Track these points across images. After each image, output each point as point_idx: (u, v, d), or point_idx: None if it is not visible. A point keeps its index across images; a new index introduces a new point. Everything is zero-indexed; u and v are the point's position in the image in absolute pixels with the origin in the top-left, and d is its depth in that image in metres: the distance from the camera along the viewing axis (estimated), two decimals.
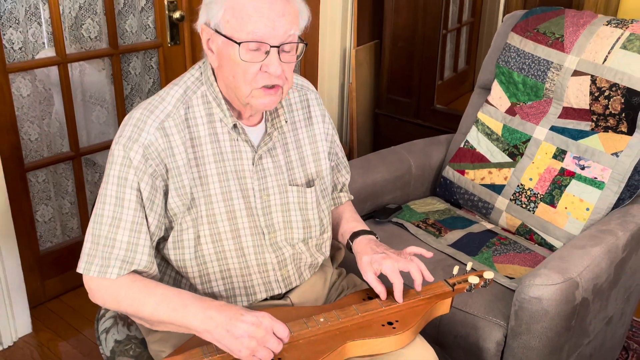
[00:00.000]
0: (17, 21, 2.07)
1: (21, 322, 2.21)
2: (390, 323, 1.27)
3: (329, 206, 1.41)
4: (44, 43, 2.17)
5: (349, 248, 1.40)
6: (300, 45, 1.19)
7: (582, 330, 1.62)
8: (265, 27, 1.11)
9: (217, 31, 1.14)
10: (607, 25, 1.95)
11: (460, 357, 1.63)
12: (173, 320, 1.13)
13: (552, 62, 1.99)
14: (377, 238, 1.39)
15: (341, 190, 1.51)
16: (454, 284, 1.37)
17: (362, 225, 1.42)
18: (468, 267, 1.40)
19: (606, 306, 1.71)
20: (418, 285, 1.28)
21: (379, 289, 1.27)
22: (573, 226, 1.88)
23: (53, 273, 2.37)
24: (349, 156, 3.21)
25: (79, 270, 1.19)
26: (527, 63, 2.05)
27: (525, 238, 1.98)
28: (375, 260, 1.28)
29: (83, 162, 2.39)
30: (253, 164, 1.25)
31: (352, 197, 1.54)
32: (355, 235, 1.38)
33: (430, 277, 1.28)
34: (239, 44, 1.11)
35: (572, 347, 1.61)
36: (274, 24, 1.11)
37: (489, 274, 1.38)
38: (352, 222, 1.43)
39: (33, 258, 2.29)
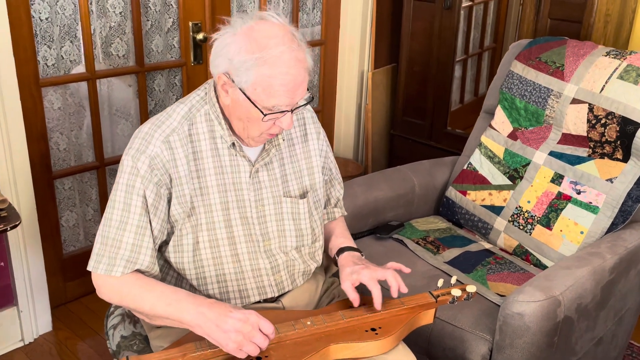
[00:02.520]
0: (51, 39, 2.24)
1: (42, 320, 2.35)
2: (373, 329, 1.36)
3: (322, 217, 1.51)
4: (77, 60, 2.33)
5: (335, 262, 1.50)
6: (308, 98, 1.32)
7: (568, 348, 1.68)
8: (287, 99, 1.24)
9: (241, 89, 1.24)
10: (606, 56, 2.02)
11: None
12: (169, 315, 1.24)
13: (552, 90, 2.07)
14: (362, 255, 1.48)
15: (335, 206, 1.61)
16: (438, 296, 1.45)
17: (349, 242, 1.52)
18: (452, 280, 1.48)
19: (594, 327, 1.76)
20: (394, 292, 1.37)
21: (352, 297, 1.36)
22: (567, 248, 1.95)
23: (75, 276, 2.51)
24: (364, 174, 3.30)
25: (89, 268, 1.31)
26: (528, 90, 2.13)
27: (522, 259, 2.05)
28: (355, 271, 1.37)
29: (107, 172, 2.54)
30: (250, 177, 1.36)
31: (346, 213, 1.64)
32: (341, 250, 1.48)
33: (405, 289, 1.37)
34: (264, 114, 1.24)
35: None
36: (294, 94, 1.25)
37: (471, 287, 1.46)
38: (340, 238, 1.53)
39: (56, 260, 2.44)
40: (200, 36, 2.55)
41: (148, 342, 1.49)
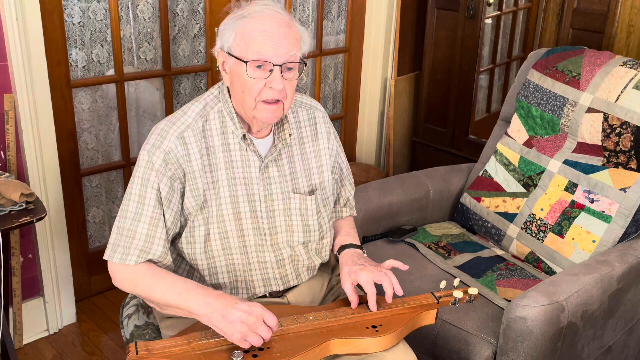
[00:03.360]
0: (82, 42, 2.35)
1: (67, 312, 2.45)
2: (374, 326, 1.40)
3: (330, 215, 1.56)
4: (107, 63, 2.43)
5: (336, 259, 1.54)
6: (301, 66, 1.36)
7: (573, 355, 1.69)
8: (269, 48, 1.30)
9: (229, 53, 1.34)
10: (622, 65, 2.03)
11: None
12: (178, 304, 1.30)
13: (568, 99, 2.08)
14: (364, 253, 1.52)
15: (344, 205, 1.65)
16: (440, 297, 1.48)
17: (352, 240, 1.56)
18: (455, 283, 1.51)
19: (602, 335, 1.76)
20: (389, 297, 1.41)
21: (352, 298, 1.40)
22: (579, 257, 1.95)
23: (99, 270, 2.60)
24: None
25: (105, 257, 1.38)
26: (544, 99, 2.15)
27: (533, 266, 2.06)
28: (354, 271, 1.41)
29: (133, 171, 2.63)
30: (260, 172, 1.42)
31: (355, 214, 1.68)
32: (343, 247, 1.53)
33: (400, 291, 1.41)
34: (246, 62, 1.30)
35: None
36: (276, 45, 1.30)
37: (473, 290, 1.49)
38: (344, 236, 1.58)
39: (82, 255, 2.54)
40: None
41: (159, 332, 1.55)
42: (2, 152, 2.10)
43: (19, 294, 2.25)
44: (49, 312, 2.38)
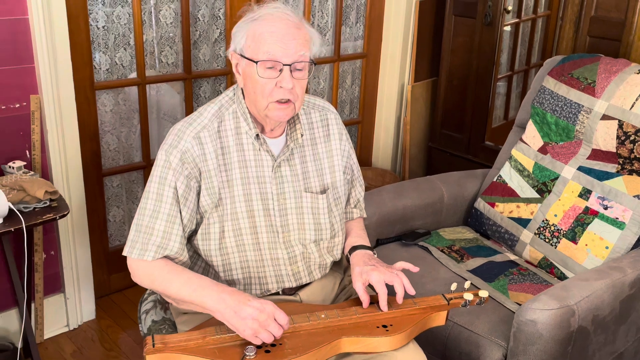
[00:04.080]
0: (106, 46, 2.41)
1: (87, 308, 2.51)
2: (384, 326, 1.42)
3: (341, 214, 1.59)
4: (129, 66, 2.50)
5: (347, 260, 1.57)
6: (311, 66, 1.41)
7: None
8: (279, 48, 1.35)
9: (241, 55, 1.39)
10: (638, 73, 2.03)
11: None
12: (193, 300, 1.34)
13: (583, 106, 2.09)
14: (374, 254, 1.55)
15: (355, 206, 1.68)
16: (451, 299, 1.51)
17: (363, 241, 1.60)
18: (466, 285, 1.53)
19: (613, 340, 1.77)
20: (399, 298, 1.43)
21: (363, 298, 1.43)
22: (592, 263, 1.96)
23: (119, 269, 2.66)
24: None
25: (124, 253, 1.43)
26: (559, 105, 2.16)
27: (546, 271, 2.07)
28: (365, 272, 1.44)
29: None
30: (272, 171, 1.46)
31: (365, 216, 1.71)
32: (353, 248, 1.56)
33: (412, 291, 1.43)
34: (256, 63, 1.35)
35: None
36: (286, 45, 1.35)
37: (483, 292, 1.51)
38: (355, 237, 1.61)
39: (102, 253, 2.60)
40: None
41: (176, 328, 1.59)
42: (27, 151, 2.17)
43: (41, 290, 2.31)
44: (70, 308, 2.44)
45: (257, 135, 1.45)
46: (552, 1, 3.62)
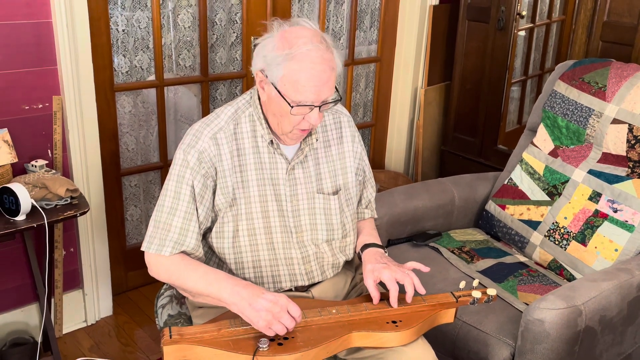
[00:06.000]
0: (126, 49, 2.48)
1: (104, 305, 2.57)
2: (394, 322, 1.46)
3: (353, 214, 1.63)
4: (148, 69, 2.56)
5: (359, 257, 1.61)
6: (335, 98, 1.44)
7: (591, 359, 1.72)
8: (313, 95, 1.38)
9: (273, 84, 1.40)
10: None
11: None
12: (209, 293, 1.39)
13: (593, 110, 2.12)
14: (385, 252, 1.59)
15: (366, 207, 1.72)
16: (459, 297, 1.54)
17: (374, 239, 1.63)
18: (475, 283, 1.56)
19: (621, 341, 1.79)
20: (409, 297, 1.47)
21: (374, 294, 1.47)
22: (601, 265, 1.98)
23: (136, 266, 2.72)
24: None
25: (142, 248, 1.48)
26: (570, 109, 2.19)
27: (556, 273, 2.09)
28: (377, 269, 1.48)
29: None
30: (286, 173, 1.51)
31: (376, 216, 1.75)
32: (365, 247, 1.59)
33: (422, 290, 1.47)
34: (292, 107, 1.38)
35: None
36: (319, 91, 1.38)
37: (491, 291, 1.54)
38: (366, 236, 1.65)
39: (120, 251, 2.66)
40: None
41: (191, 322, 1.64)
42: (49, 150, 2.24)
43: (60, 286, 2.38)
44: (88, 304, 2.50)
45: (272, 141, 1.49)
46: (567, 6, 3.63)
